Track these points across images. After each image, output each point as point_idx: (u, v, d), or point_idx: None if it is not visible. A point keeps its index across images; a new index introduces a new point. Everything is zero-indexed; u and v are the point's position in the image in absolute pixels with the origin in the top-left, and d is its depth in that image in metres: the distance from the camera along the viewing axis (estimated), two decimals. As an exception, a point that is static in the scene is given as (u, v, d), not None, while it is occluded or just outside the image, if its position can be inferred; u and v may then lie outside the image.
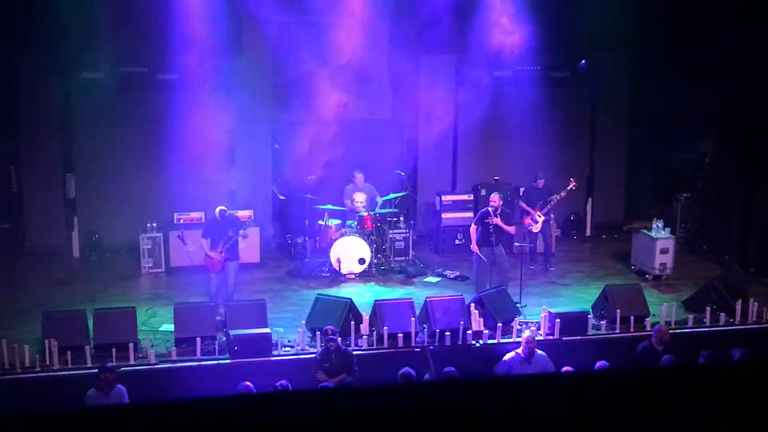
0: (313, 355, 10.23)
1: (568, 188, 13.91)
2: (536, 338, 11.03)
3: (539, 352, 10.06)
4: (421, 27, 14.70)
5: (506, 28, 14.67)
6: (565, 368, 9.90)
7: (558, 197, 13.98)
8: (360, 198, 14.35)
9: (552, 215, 14.31)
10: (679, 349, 10.34)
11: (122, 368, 9.82)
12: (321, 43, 14.66)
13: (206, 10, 13.77)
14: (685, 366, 7.94)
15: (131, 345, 10.32)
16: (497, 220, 12.43)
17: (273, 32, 14.56)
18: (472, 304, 11.55)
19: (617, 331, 11.47)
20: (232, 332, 10.55)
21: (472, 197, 15.12)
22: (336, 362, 9.82)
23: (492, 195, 12.71)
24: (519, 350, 10.05)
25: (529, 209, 14.07)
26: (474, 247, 12.51)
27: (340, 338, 10.33)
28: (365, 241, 13.65)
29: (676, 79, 15.19)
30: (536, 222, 13.97)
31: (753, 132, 14.28)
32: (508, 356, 10.06)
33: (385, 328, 10.88)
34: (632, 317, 11.55)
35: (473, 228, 12.64)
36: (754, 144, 14.33)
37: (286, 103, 15.65)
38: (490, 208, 12.60)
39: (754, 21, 13.54)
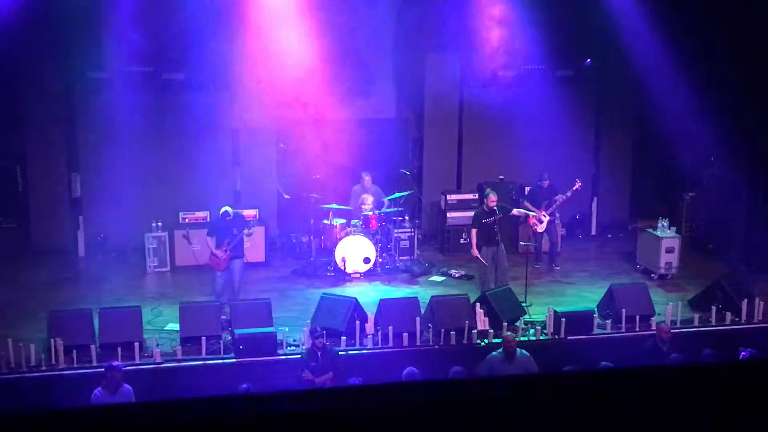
0: (299, 355, 10.21)
1: (574, 188, 13.88)
2: (541, 337, 11.06)
3: (522, 351, 10.02)
4: (426, 26, 14.70)
5: (511, 27, 14.66)
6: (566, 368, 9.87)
7: (563, 197, 13.96)
8: (368, 200, 14.37)
9: (557, 214, 14.29)
10: (682, 347, 10.32)
11: (128, 367, 9.82)
12: (326, 42, 14.67)
13: (211, 8, 13.77)
14: (689, 365, 7.92)
15: (137, 344, 10.34)
16: (516, 212, 12.93)
17: (278, 32, 14.57)
18: (477, 304, 11.54)
19: (623, 330, 11.46)
20: (237, 331, 10.57)
21: (477, 196, 15.10)
22: (322, 361, 9.79)
23: (489, 195, 12.63)
24: (500, 351, 10.01)
25: (534, 209, 14.04)
26: (474, 251, 12.46)
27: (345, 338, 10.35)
28: (370, 240, 13.65)
29: (682, 77, 15.15)
30: (541, 222, 13.95)
31: (758, 130, 14.24)
32: (489, 356, 10.04)
33: (390, 327, 10.88)
34: (638, 316, 11.53)
35: (474, 232, 12.59)
36: (759, 142, 14.30)
37: (291, 102, 15.67)
38: (485, 208, 12.55)
39: (759, 18, 13.51)
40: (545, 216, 13.94)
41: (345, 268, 13.54)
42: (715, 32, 13.99)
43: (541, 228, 14.00)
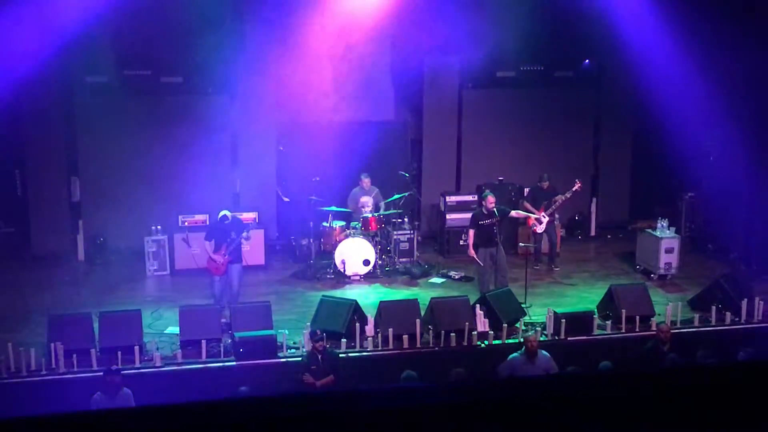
0: (300, 358, 10.22)
1: (573, 189, 13.88)
2: (541, 338, 11.05)
3: (542, 352, 10.03)
4: (425, 27, 14.70)
5: (510, 28, 14.67)
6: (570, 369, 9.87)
7: (562, 198, 13.95)
8: (367, 203, 14.35)
9: (557, 215, 14.29)
10: (683, 348, 10.31)
11: (128, 371, 9.81)
12: (324, 45, 14.68)
13: (209, 11, 13.78)
14: (687, 366, 7.92)
15: (137, 348, 10.33)
16: (515, 213, 12.88)
17: (277, 33, 14.58)
18: (477, 305, 11.54)
19: (623, 331, 11.46)
20: (237, 334, 10.56)
21: (476, 198, 15.10)
22: (323, 364, 9.77)
23: (487, 196, 12.63)
24: (521, 351, 10.02)
25: (533, 210, 14.04)
26: (471, 251, 12.48)
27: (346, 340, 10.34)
28: (370, 242, 13.65)
29: (680, 77, 15.16)
30: (541, 223, 13.95)
31: (758, 129, 14.24)
32: (511, 357, 10.05)
33: (390, 329, 10.88)
34: (637, 317, 11.53)
35: (471, 232, 12.61)
36: (759, 142, 14.30)
37: (290, 105, 15.68)
38: (483, 210, 12.56)
39: (759, 16, 13.52)
40: (545, 217, 13.95)
41: (345, 271, 13.54)
42: (715, 31, 13.98)
43: (540, 229, 14.00)
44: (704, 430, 3.41)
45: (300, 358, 10.15)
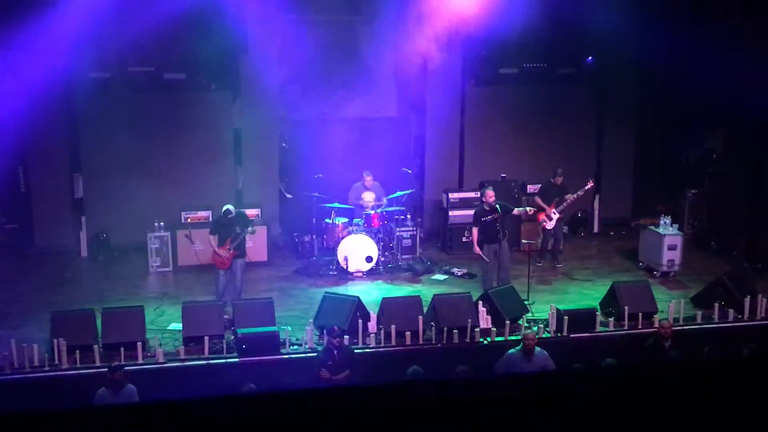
0: (316, 354, 10.23)
1: (585, 188, 13.82)
2: (543, 335, 11.06)
3: (539, 349, 10.03)
4: (426, 24, 14.68)
5: (512, 25, 14.63)
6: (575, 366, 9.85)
7: (573, 197, 13.89)
8: (369, 197, 14.36)
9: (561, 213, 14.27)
10: (685, 345, 10.31)
11: (131, 367, 9.81)
12: (326, 42, 14.67)
13: (213, 9, 13.77)
14: (689, 362, 7.91)
15: (139, 344, 10.35)
16: (517, 212, 12.65)
17: (279, 31, 14.57)
18: (480, 302, 11.54)
19: (625, 328, 11.45)
20: (239, 331, 10.58)
21: (479, 194, 15.08)
22: (339, 359, 9.81)
23: (486, 191, 12.61)
24: (519, 348, 10.01)
25: (544, 206, 13.99)
26: (476, 248, 12.47)
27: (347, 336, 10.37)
28: (372, 239, 13.65)
29: (683, 74, 15.14)
30: (551, 219, 13.91)
31: (760, 127, 14.22)
32: (508, 353, 10.04)
33: (393, 326, 10.89)
34: (640, 314, 11.53)
35: (474, 230, 12.60)
36: (761, 139, 14.29)
37: (293, 102, 15.68)
38: (485, 206, 12.54)
39: (760, 14, 13.51)
40: (555, 213, 13.90)
41: (347, 267, 13.54)
42: (716, 30, 13.97)
43: (550, 225, 13.95)
44: (706, 427, 3.41)
45: (315, 354, 10.16)
